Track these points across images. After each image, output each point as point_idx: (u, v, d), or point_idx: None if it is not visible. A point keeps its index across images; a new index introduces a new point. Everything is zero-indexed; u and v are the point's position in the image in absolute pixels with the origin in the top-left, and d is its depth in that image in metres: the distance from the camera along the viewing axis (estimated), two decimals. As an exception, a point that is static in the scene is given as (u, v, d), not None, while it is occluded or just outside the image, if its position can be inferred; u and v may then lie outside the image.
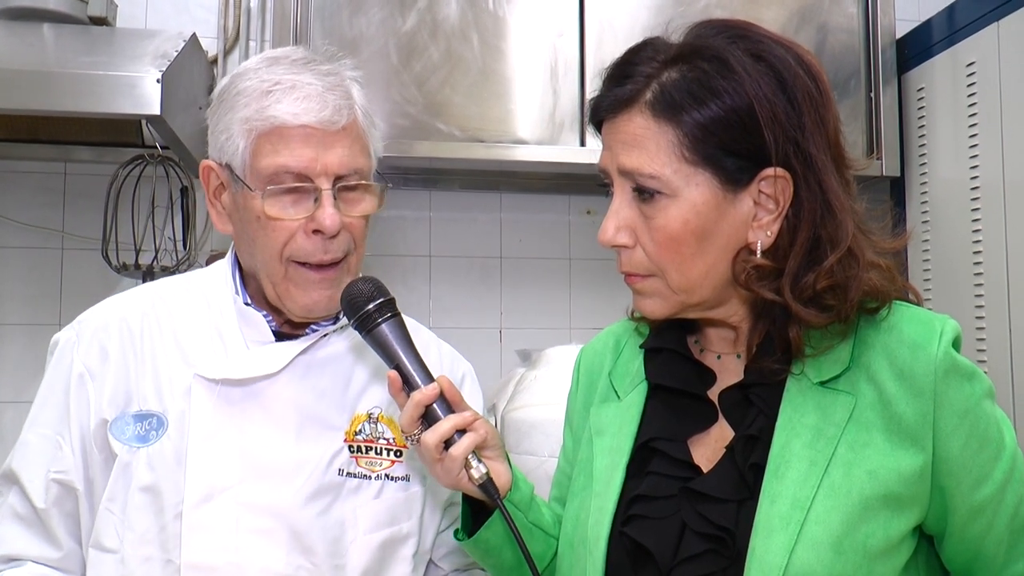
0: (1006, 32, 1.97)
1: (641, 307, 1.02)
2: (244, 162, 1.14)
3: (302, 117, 1.12)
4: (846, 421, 0.92)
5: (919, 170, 2.29)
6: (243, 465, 1.14)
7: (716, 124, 0.91)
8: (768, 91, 0.91)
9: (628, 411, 1.06)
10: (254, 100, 1.14)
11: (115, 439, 1.15)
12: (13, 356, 2.30)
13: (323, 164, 1.13)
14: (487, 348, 2.47)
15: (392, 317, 1.07)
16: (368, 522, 1.18)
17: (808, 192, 0.93)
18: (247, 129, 1.13)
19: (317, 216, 1.13)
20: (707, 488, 0.95)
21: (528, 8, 2.22)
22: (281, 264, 1.15)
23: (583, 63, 2.23)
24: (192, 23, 2.34)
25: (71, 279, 2.34)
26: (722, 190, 0.93)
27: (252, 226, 1.15)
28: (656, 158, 0.92)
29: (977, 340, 2.02)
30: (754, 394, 0.97)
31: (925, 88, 2.27)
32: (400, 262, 2.50)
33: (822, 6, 2.35)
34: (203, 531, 1.11)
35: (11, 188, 2.32)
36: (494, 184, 2.50)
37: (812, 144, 0.93)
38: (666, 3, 2.28)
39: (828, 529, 0.88)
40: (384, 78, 2.15)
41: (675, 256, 0.94)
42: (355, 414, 1.22)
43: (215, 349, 1.19)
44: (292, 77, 1.15)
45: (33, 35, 2.00)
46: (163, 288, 1.28)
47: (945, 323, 0.94)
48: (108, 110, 1.83)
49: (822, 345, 0.94)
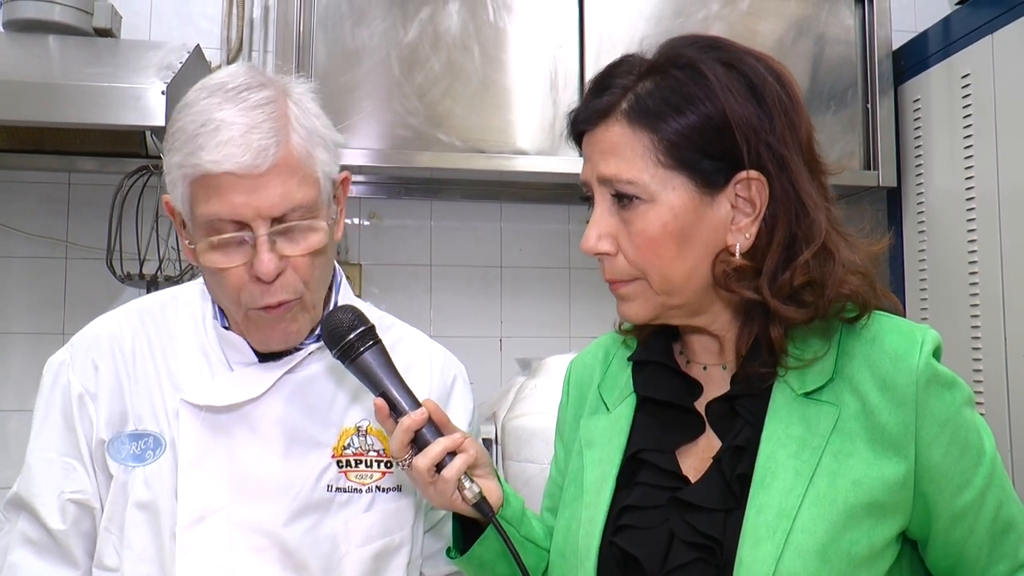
0: (1000, 44, 2.00)
1: (624, 311, 1.03)
2: (186, 209, 1.11)
3: (223, 164, 1.05)
4: (830, 431, 0.93)
5: (915, 180, 2.30)
6: (232, 486, 1.14)
7: (690, 129, 0.93)
8: (739, 96, 0.93)
9: (617, 423, 1.07)
10: (184, 144, 1.08)
11: (111, 459, 1.15)
12: (18, 365, 2.32)
13: (254, 208, 1.06)
14: (487, 357, 2.49)
15: (374, 345, 1.06)
16: (360, 535, 1.18)
17: (782, 193, 0.95)
18: (182, 175, 1.09)
19: (254, 264, 1.08)
20: (695, 498, 0.96)
21: (528, 20, 2.24)
22: (240, 310, 1.13)
23: (583, 74, 2.25)
24: (196, 34, 2.37)
25: (75, 288, 2.36)
26: (699, 193, 0.95)
27: (208, 272, 1.13)
28: (633, 164, 0.95)
29: (973, 349, 2.03)
30: (740, 405, 0.98)
31: (921, 99, 2.29)
32: (401, 271, 2.51)
33: (819, 18, 2.38)
34: (197, 552, 1.11)
35: (16, 198, 2.34)
36: (494, 194, 2.52)
37: (784, 147, 0.95)
38: (665, 15, 2.31)
39: (814, 537, 0.89)
40: (386, 89, 2.17)
41: (656, 259, 0.96)
42: (343, 428, 1.21)
43: (201, 371, 1.19)
44: (218, 116, 1.07)
45: (39, 47, 2.02)
46: (151, 304, 1.27)
47: (926, 333, 0.95)
48: (113, 122, 1.85)
49: (806, 356, 0.96)
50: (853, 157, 2.35)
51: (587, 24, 2.26)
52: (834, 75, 2.36)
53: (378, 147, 2.16)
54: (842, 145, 2.35)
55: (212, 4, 2.44)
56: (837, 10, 2.38)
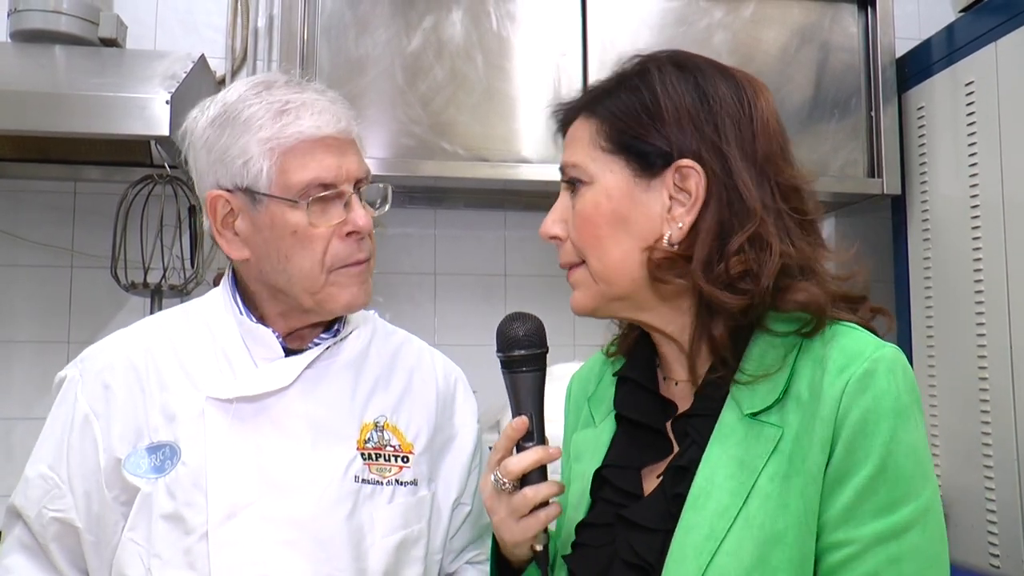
0: (1004, 51, 2.00)
1: (572, 301, 1.05)
2: (271, 181, 1.16)
3: (324, 129, 1.17)
4: (769, 453, 0.90)
5: (920, 188, 2.30)
6: (262, 480, 1.17)
7: (624, 112, 0.98)
8: (680, 89, 0.97)
9: (599, 438, 1.08)
10: (268, 121, 1.16)
11: (131, 474, 1.17)
12: (23, 372, 2.33)
13: (346, 170, 1.18)
14: (491, 365, 2.46)
15: (539, 371, 1.06)
16: (384, 526, 1.21)
17: (718, 184, 0.95)
18: (269, 149, 1.16)
19: (350, 218, 1.18)
20: (636, 517, 0.96)
21: (531, 28, 2.25)
22: (323, 273, 1.18)
23: (586, 82, 2.25)
24: (200, 43, 2.38)
25: (80, 297, 2.36)
26: (634, 178, 0.97)
27: (285, 243, 1.17)
28: (580, 150, 1.01)
29: (978, 357, 2.03)
30: (691, 425, 0.97)
31: (925, 107, 2.29)
32: (406, 279, 2.52)
33: (823, 26, 2.38)
34: (230, 547, 1.13)
35: (22, 207, 2.35)
36: (498, 202, 2.53)
37: (725, 144, 0.95)
38: (668, 23, 2.31)
39: (738, 560, 0.87)
40: (390, 98, 2.18)
41: (591, 239, 0.99)
42: (363, 423, 1.25)
43: (223, 371, 1.22)
44: (297, 96, 1.19)
45: (45, 57, 2.04)
46: (163, 320, 1.31)
47: (878, 350, 0.90)
48: (118, 131, 1.87)
49: (756, 372, 0.93)
50: (857, 165, 2.35)
51: (590, 32, 2.26)
52: (838, 83, 2.36)
53: (382, 156, 2.16)
54: (846, 153, 2.35)
55: (217, 14, 2.45)
56: (841, 18, 2.39)
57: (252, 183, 1.17)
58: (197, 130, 1.22)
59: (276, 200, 1.17)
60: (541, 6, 2.26)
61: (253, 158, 1.16)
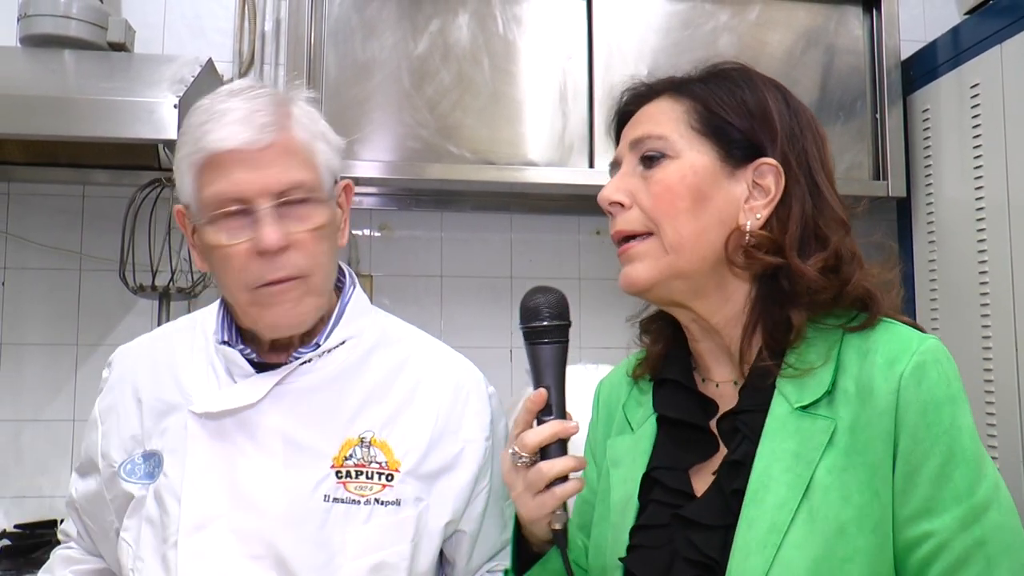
0: (1009, 54, 2.00)
1: (628, 275, 1.03)
2: (194, 198, 1.15)
3: (228, 142, 1.11)
4: (824, 446, 0.92)
5: (925, 191, 2.30)
6: (232, 494, 1.17)
7: (726, 104, 1.02)
8: (775, 96, 1.03)
9: (640, 443, 1.08)
10: (192, 136, 1.14)
11: (126, 480, 1.22)
12: (32, 375, 2.34)
13: (260, 184, 1.11)
14: (498, 367, 2.49)
15: (560, 344, 1.05)
16: (357, 547, 1.18)
17: (800, 189, 1.00)
18: (189, 165, 1.14)
19: (258, 236, 1.11)
20: (695, 515, 0.97)
21: (538, 32, 2.26)
22: (245, 292, 1.15)
23: (592, 86, 2.26)
24: (208, 47, 2.39)
25: (89, 300, 2.38)
26: (720, 163, 1.00)
27: (214, 261, 1.16)
28: (666, 124, 1.03)
29: (984, 360, 2.03)
30: (740, 421, 0.98)
31: (930, 109, 2.29)
32: (412, 282, 2.53)
33: (828, 28, 2.38)
34: (197, 558, 1.14)
35: (31, 210, 2.37)
36: (505, 205, 2.53)
37: (809, 156, 1.02)
38: (673, 26, 2.32)
39: (805, 553, 0.88)
40: (396, 101, 2.19)
41: (670, 208, 0.99)
42: (345, 439, 1.21)
43: (210, 384, 1.22)
44: (223, 106, 1.14)
45: (55, 61, 2.05)
46: (174, 328, 1.35)
47: (924, 342, 0.94)
48: (126, 135, 1.87)
49: (801, 367, 0.96)
50: (862, 168, 2.35)
51: (596, 36, 2.27)
52: (843, 85, 2.37)
53: (389, 159, 2.17)
54: (851, 155, 2.35)
55: (224, 18, 2.46)
56: (846, 20, 2.39)
57: (187, 200, 1.17)
58: None
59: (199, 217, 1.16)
60: (547, 10, 2.27)
61: (183, 174, 1.15)
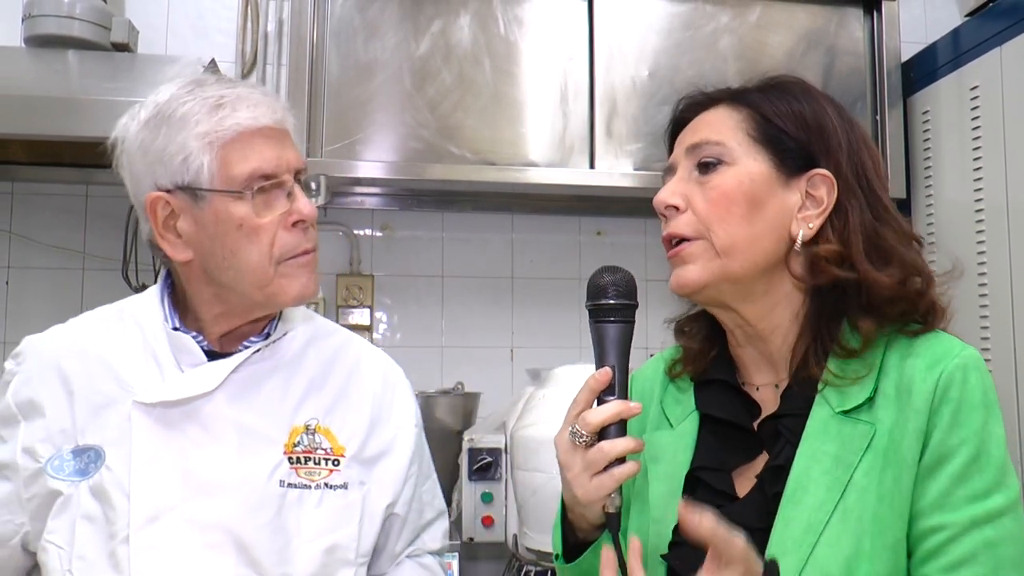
0: (1009, 56, 2.00)
1: (680, 276, 1.04)
2: (212, 175, 1.15)
3: (261, 120, 1.18)
4: (864, 449, 0.94)
5: (925, 192, 2.31)
6: (186, 484, 1.16)
7: (784, 114, 1.04)
8: (832, 110, 1.06)
9: (682, 439, 1.09)
10: (205, 116, 1.16)
11: (53, 477, 1.17)
12: (34, 374, 2.34)
13: (286, 161, 1.19)
14: (498, 367, 2.49)
15: (628, 323, 1.04)
16: (311, 530, 1.20)
17: (857, 204, 1.02)
18: (208, 143, 1.15)
19: (295, 208, 1.18)
20: (736, 517, 0.96)
21: (539, 33, 2.27)
22: (271, 265, 1.17)
23: (592, 87, 2.27)
24: (211, 48, 2.40)
25: (91, 299, 2.37)
26: (776, 172, 1.02)
27: (231, 238, 1.16)
28: (724, 131, 1.04)
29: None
30: (782, 424, 1.00)
31: (930, 111, 2.29)
32: (413, 282, 2.53)
33: (829, 30, 2.39)
34: (152, 551, 1.13)
35: (35, 210, 2.38)
36: (506, 205, 2.54)
37: (868, 171, 1.04)
38: (675, 27, 2.32)
39: (838, 552, 0.90)
40: (398, 102, 2.19)
41: (725, 214, 1.01)
42: (293, 426, 1.24)
43: (151, 374, 1.21)
44: (231, 91, 1.19)
45: (58, 62, 2.06)
46: (97, 319, 1.30)
47: (963, 350, 0.97)
48: (130, 135, 1.88)
49: (851, 375, 0.97)
50: (863, 168, 2.36)
51: (597, 37, 2.28)
52: (843, 87, 2.37)
53: (390, 159, 2.18)
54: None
55: (227, 19, 2.47)
56: (846, 22, 2.40)
57: (193, 179, 1.16)
58: (129, 135, 1.20)
59: (219, 194, 1.15)
60: (548, 11, 2.28)
61: (192, 154, 1.15)
